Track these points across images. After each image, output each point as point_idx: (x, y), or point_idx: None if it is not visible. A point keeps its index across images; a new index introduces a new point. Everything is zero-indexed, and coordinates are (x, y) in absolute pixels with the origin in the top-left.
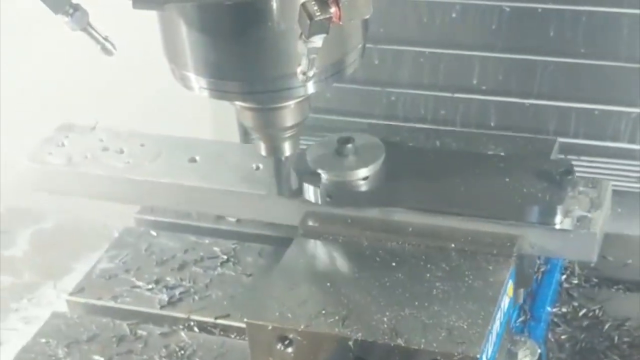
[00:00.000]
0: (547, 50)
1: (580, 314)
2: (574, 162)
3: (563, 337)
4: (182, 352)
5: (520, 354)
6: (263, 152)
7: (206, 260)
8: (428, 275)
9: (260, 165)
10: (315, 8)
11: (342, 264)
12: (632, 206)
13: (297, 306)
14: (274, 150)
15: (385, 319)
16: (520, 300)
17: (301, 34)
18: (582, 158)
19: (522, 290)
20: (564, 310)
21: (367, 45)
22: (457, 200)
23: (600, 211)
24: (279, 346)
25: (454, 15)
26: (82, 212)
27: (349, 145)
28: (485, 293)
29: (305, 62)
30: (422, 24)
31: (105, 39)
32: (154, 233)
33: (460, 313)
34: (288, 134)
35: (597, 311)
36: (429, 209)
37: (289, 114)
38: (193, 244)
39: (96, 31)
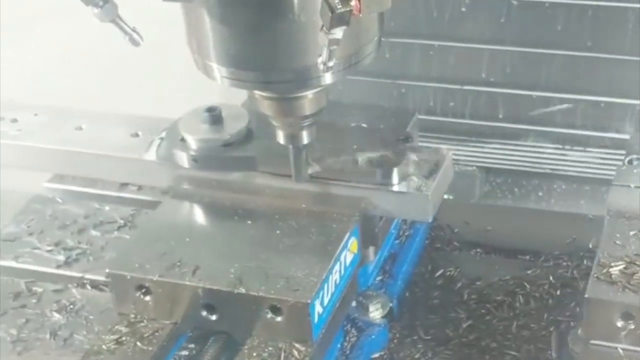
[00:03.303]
0: (554, 44)
1: (437, 274)
2: (580, 153)
3: (419, 294)
4: (72, 306)
5: (371, 307)
6: (281, 140)
7: (105, 225)
8: (278, 232)
9: (140, 133)
10: (337, 1)
11: (203, 222)
12: None
13: (156, 258)
14: (292, 138)
15: (232, 270)
16: (372, 259)
17: (322, 25)
18: (588, 149)
19: (372, 249)
20: (422, 270)
21: None
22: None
23: (435, 176)
24: (138, 294)
25: (463, 9)
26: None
27: (215, 114)
28: (325, 248)
29: (326, 53)
30: (432, 18)
31: (133, 30)
32: (59, 200)
33: (300, 265)
34: (306, 122)
35: (452, 272)
36: (284, 174)
37: (307, 104)
38: (95, 210)
39: (125, 23)
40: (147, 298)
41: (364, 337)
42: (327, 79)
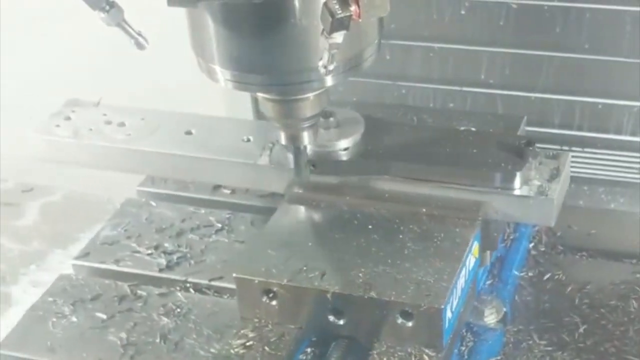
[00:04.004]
0: (553, 46)
1: (545, 278)
2: (578, 154)
3: (528, 298)
4: (179, 310)
5: (487, 312)
6: (283, 141)
7: (202, 229)
8: (401, 236)
9: (251, 138)
10: (337, 6)
11: (323, 226)
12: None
13: (281, 263)
14: (294, 139)
15: (360, 275)
16: (487, 263)
17: (323, 30)
18: (586, 150)
19: (488, 253)
20: (530, 274)
21: None
22: (429, 169)
23: (558, 180)
24: (265, 299)
25: (462, 12)
26: (88, 187)
27: (331, 119)
28: (452, 252)
29: (326, 56)
30: (432, 20)
31: (139, 34)
32: (153, 204)
33: (428, 269)
34: (307, 124)
35: (560, 275)
36: (403, 177)
37: (308, 105)
38: (190, 214)
39: (130, 26)
40: (274, 302)
41: (481, 342)
42: (328, 81)
